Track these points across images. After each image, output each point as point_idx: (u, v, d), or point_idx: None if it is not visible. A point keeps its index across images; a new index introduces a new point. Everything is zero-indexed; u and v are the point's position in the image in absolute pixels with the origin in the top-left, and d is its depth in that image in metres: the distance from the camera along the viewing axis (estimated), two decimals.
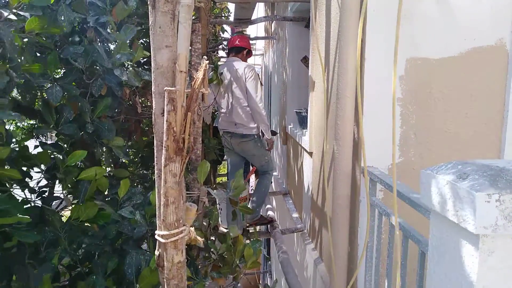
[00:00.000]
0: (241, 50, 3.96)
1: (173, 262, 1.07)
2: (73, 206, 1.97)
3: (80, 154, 2.03)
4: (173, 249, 1.06)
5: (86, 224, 2.05)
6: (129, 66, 2.42)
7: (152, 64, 1.08)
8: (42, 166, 2.20)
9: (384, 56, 2.15)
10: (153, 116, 1.10)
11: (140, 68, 2.49)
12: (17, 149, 2.13)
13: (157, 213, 1.12)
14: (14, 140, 2.19)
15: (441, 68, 2.22)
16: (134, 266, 1.88)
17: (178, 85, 1.02)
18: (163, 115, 1.04)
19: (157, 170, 1.12)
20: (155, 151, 1.10)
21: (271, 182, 4.10)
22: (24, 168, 2.18)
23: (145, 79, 2.44)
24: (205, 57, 1.19)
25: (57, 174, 2.11)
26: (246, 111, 3.73)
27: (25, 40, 2.08)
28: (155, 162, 1.11)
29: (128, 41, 2.47)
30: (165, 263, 1.09)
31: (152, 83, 1.08)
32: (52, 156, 2.23)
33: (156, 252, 1.13)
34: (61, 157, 2.17)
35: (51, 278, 1.84)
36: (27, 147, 2.21)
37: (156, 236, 1.08)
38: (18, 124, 5.64)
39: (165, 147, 1.02)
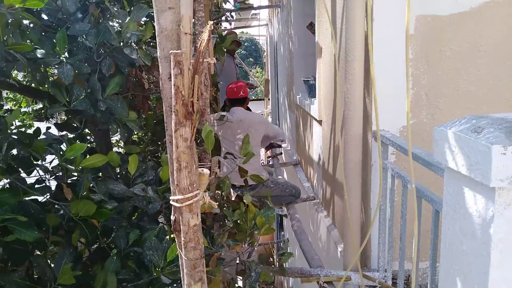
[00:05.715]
0: (245, 100, 3.80)
1: (189, 225, 1.08)
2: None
3: (79, 147, 1.94)
4: (188, 213, 1.07)
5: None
6: (139, 44, 2.38)
7: (156, 28, 1.06)
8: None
9: (393, 15, 2.08)
10: (160, 81, 1.09)
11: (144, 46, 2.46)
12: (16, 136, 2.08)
13: (170, 179, 1.12)
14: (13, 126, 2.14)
15: (452, 25, 2.15)
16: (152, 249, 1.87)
17: (183, 48, 1.01)
18: (170, 80, 1.03)
19: (168, 136, 1.12)
20: (164, 116, 1.10)
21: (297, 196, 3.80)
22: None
23: (155, 56, 2.40)
24: (210, 21, 1.16)
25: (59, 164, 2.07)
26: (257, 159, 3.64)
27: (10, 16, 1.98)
28: (165, 128, 1.11)
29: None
30: (181, 227, 1.10)
31: (157, 48, 1.07)
32: (50, 147, 2.16)
33: (172, 217, 1.15)
34: (62, 147, 2.12)
35: (72, 263, 1.82)
36: (25, 132, 2.16)
37: (171, 202, 1.09)
38: (25, 109, 5.65)
39: (174, 111, 1.02)
